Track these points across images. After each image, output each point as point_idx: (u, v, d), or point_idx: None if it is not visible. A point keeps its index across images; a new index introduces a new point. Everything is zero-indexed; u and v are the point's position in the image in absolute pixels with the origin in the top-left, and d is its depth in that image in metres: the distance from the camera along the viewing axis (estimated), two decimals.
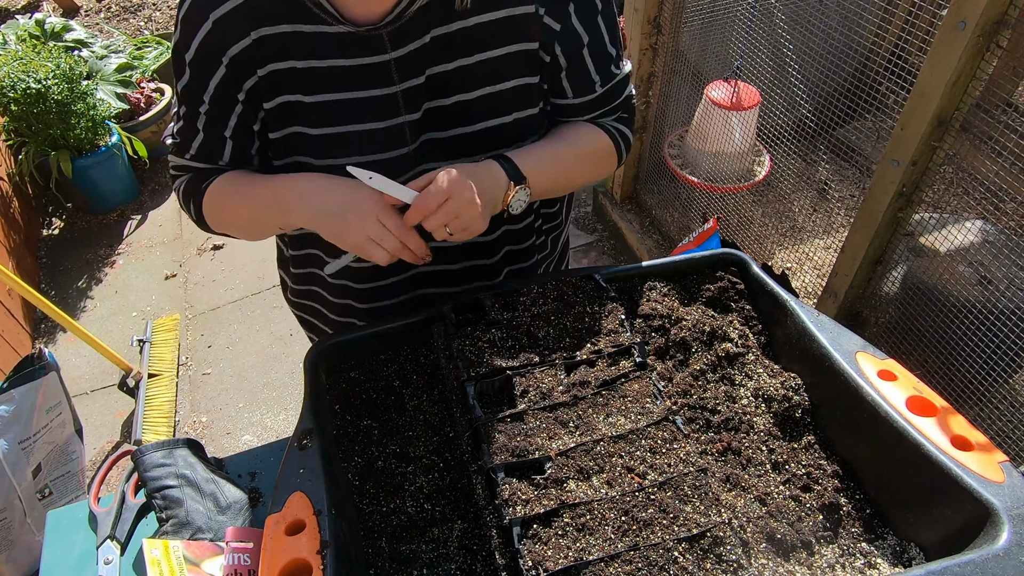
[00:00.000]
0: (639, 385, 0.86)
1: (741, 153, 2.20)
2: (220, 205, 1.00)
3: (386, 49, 0.88)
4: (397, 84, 0.90)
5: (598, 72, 0.99)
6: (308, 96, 0.90)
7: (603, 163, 1.08)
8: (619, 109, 1.07)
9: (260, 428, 2.57)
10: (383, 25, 0.85)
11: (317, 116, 0.91)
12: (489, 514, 0.77)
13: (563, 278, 0.98)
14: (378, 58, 0.88)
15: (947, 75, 1.26)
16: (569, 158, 1.01)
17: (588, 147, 1.04)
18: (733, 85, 2.09)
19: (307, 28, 0.86)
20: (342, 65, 0.88)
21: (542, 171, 0.97)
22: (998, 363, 1.39)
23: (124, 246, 3.47)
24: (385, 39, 0.87)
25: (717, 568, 0.69)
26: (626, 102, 1.07)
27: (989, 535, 0.66)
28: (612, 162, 1.09)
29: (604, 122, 1.07)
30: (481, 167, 0.92)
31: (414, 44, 0.88)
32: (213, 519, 1.00)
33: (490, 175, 0.92)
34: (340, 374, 0.99)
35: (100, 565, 0.98)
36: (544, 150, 0.99)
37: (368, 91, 0.90)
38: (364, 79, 0.89)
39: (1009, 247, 1.42)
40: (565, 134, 1.03)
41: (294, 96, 0.90)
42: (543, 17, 0.91)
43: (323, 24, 0.86)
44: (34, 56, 3.13)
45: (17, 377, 1.93)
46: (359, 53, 0.88)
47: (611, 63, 1.00)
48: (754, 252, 2.37)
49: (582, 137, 1.04)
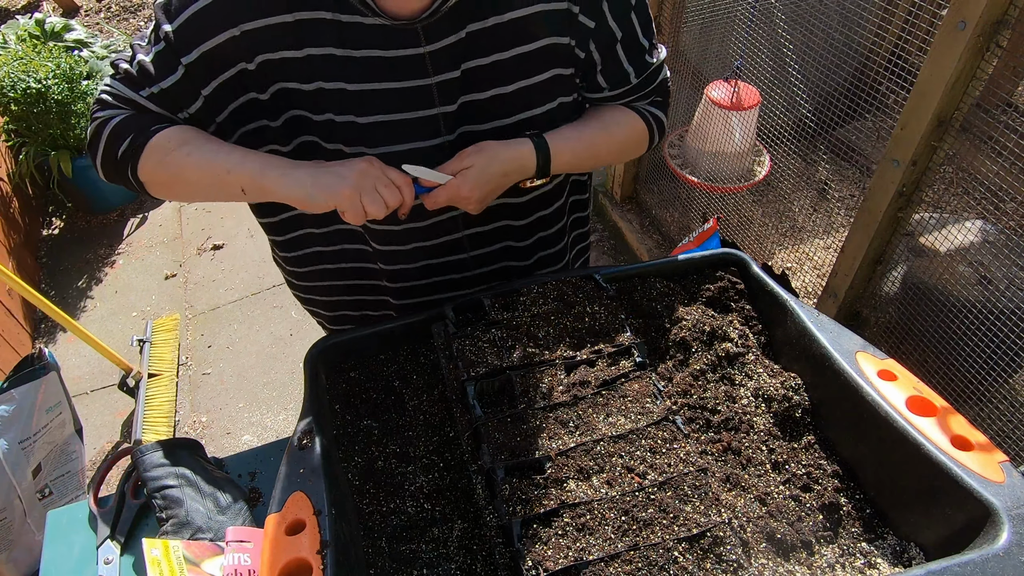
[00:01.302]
0: (639, 385, 0.86)
1: (741, 153, 2.20)
2: (172, 155, 0.90)
3: (420, 43, 0.89)
4: (432, 76, 0.91)
5: (632, 64, 1.01)
6: (334, 84, 0.90)
7: (634, 146, 1.10)
8: (654, 93, 1.08)
9: (260, 428, 2.57)
10: (419, 20, 0.86)
11: (350, 104, 0.91)
12: (489, 514, 0.77)
13: (563, 278, 0.98)
14: (412, 51, 0.89)
15: (947, 75, 1.26)
16: (600, 141, 1.04)
17: (621, 131, 1.07)
18: (733, 85, 2.09)
19: (345, 18, 0.87)
20: (377, 56, 0.89)
21: (569, 161, 1.02)
22: (998, 363, 1.39)
23: (124, 246, 3.47)
24: (420, 32, 0.88)
25: (717, 568, 0.69)
26: (661, 86, 1.08)
27: (989, 535, 0.65)
28: (643, 145, 1.11)
29: (639, 106, 1.08)
30: (513, 157, 0.96)
31: (449, 39, 0.89)
32: (213, 519, 1.00)
33: (518, 165, 0.97)
34: (340, 374, 0.99)
35: (100, 565, 0.98)
36: (578, 135, 1.02)
37: (401, 82, 0.91)
38: (398, 70, 0.90)
39: (1009, 247, 1.42)
40: (600, 116, 1.05)
41: (330, 84, 0.90)
42: (578, 15, 0.93)
43: (359, 15, 0.87)
44: (34, 56, 3.12)
45: (17, 377, 1.93)
46: (394, 45, 0.89)
47: (645, 53, 1.02)
48: (754, 252, 2.37)
49: (616, 120, 1.06)
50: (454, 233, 1.08)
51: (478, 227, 1.08)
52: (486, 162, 0.94)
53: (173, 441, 1.09)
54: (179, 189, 0.95)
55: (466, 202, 0.95)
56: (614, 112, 1.07)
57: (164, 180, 0.93)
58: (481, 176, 0.94)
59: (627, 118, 1.07)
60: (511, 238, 1.12)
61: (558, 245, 1.20)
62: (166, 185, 0.94)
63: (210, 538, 0.97)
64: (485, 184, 0.95)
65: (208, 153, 0.90)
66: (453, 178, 0.93)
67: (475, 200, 0.95)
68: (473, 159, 0.93)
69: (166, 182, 0.93)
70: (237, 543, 0.90)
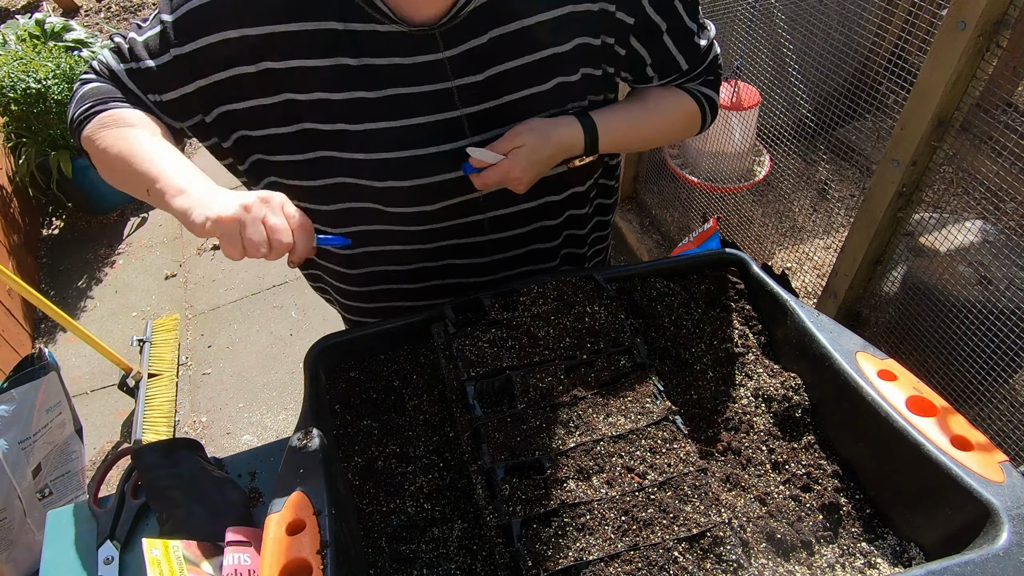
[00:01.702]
0: (639, 385, 0.86)
1: (741, 153, 2.20)
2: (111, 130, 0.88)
3: (439, 48, 0.88)
4: (452, 80, 0.90)
5: (681, 52, 1.00)
6: (348, 94, 0.89)
7: (683, 127, 1.09)
8: (705, 73, 1.07)
9: (260, 428, 2.57)
10: (437, 26, 0.86)
11: (365, 112, 0.90)
12: (489, 514, 0.77)
13: (563, 278, 0.98)
14: (431, 56, 0.88)
15: (947, 75, 1.26)
16: (647, 121, 1.04)
17: (669, 111, 1.06)
18: (733, 85, 2.09)
19: (356, 26, 0.85)
20: (395, 63, 0.88)
21: (616, 140, 1.00)
22: (998, 363, 1.39)
23: (124, 246, 3.48)
24: (438, 38, 0.87)
25: (717, 568, 0.69)
26: (711, 65, 1.07)
27: (989, 535, 0.65)
28: (695, 127, 1.10)
29: (691, 87, 1.07)
30: (563, 137, 0.95)
31: (470, 43, 0.88)
32: (213, 519, 1.00)
33: (568, 145, 0.96)
34: (340, 374, 0.99)
35: (100, 565, 0.98)
36: (627, 114, 1.01)
37: (420, 87, 0.90)
38: (415, 76, 0.89)
39: (1009, 247, 1.42)
40: (647, 96, 1.04)
41: (341, 95, 0.88)
42: (615, 13, 0.91)
43: (375, 23, 0.85)
44: (34, 56, 3.13)
45: (17, 377, 1.93)
46: (411, 52, 0.87)
47: (693, 37, 1.00)
48: (754, 252, 2.37)
49: (665, 100, 1.05)
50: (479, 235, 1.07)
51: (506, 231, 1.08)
52: (538, 142, 0.92)
53: (173, 441, 1.09)
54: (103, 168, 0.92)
55: (516, 183, 0.94)
56: (664, 92, 1.05)
57: (93, 152, 0.91)
58: (532, 156, 0.92)
59: (677, 98, 1.06)
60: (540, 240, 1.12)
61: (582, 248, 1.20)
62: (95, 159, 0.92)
63: (210, 538, 0.97)
64: (536, 164, 0.93)
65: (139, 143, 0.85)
66: (505, 158, 0.91)
67: (525, 182, 0.94)
68: (525, 138, 0.91)
69: (94, 154, 0.91)
70: (237, 543, 0.90)
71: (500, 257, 1.12)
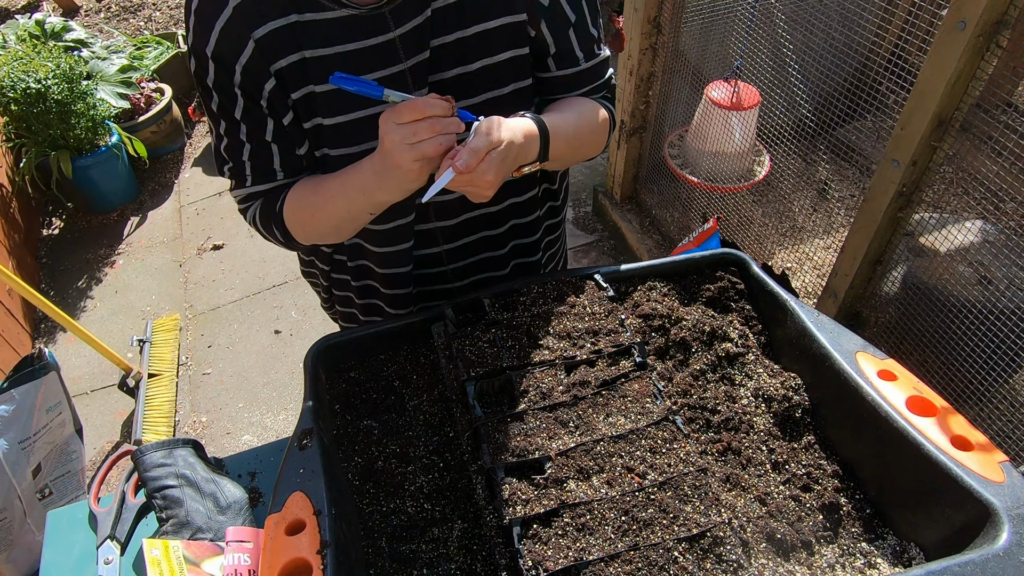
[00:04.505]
0: (639, 385, 0.86)
1: (741, 153, 2.20)
2: (303, 217, 0.98)
3: (390, 28, 0.89)
4: (404, 62, 0.91)
5: (581, 49, 1.01)
6: (319, 86, 0.90)
7: (601, 137, 1.08)
8: (603, 89, 1.08)
9: (260, 428, 2.57)
10: (386, 4, 0.86)
11: (331, 105, 0.92)
12: (489, 514, 0.77)
13: (563, 278, 0.98)
14: (384, 37, 0.89)
15: (947, 75, 1.26)
16: (582, 127, 1.03)
17: (594, 119, 1.05)
18: (733, 85, 2.09)
19: (309, 16, 0.86)
20: (350, 49, 0.89)
21: (561, 148, 0.96)
22: (998, 363, 1.39)
23: (124, 246, 3.47)
24: (388, 17, 0.88)
25: (717, 568, 0.69)
26: (608, 83, 1.09)
27: (989, 535, 0.65)
28: (606, 137, 1.09)
29: (595, 99, 1.08)
30: (528, 139, 0.89)
31: (415, 20, 0.89)
32: (213, 519, 1.00)
33: (530, 148, 0.90)
34: (340, 374, 0.99)
35: (100, 565, 0.98)
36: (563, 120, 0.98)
37: (377, 72, 0.90)
38: (372, 60, 0.90)
39: (1009, 247, 1.42)
40: (571, 105, 1.04)
41: (308, 87, 0.91)
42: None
43: (326, 10, 0.86)
44: (34, 56, 3.12)
45: (17, 377, 1.93)
46: (365, 35, 0.88)
47: (594, 43, 1.03)
48: (754, 252, 2.37)
49: (587, 109, 1.05)
50: (433, 246, 1.09)
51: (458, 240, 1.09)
52: (513, 139, 0.84)
53: (173, 441, 1.09)
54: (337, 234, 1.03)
55: (487, 186, 0.84)
56: (582, 102, 1.05)
57: (323, 236, 1.03)
58: (507, 159, 0.83)
59: (595, 107, 1.05)
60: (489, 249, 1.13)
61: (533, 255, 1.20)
62: (330, 234, 1.02)
63: (210, 538, 0.97)
64: (507, 168, 0.85)
65: (324, 204, 0.95)
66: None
67: (494, 187, 0.85)
68: (499, 134, 0.82)
69: (327, 234, 1.02)
70: (237, 543, 0.90)
71: (455, 266, 1.14)
